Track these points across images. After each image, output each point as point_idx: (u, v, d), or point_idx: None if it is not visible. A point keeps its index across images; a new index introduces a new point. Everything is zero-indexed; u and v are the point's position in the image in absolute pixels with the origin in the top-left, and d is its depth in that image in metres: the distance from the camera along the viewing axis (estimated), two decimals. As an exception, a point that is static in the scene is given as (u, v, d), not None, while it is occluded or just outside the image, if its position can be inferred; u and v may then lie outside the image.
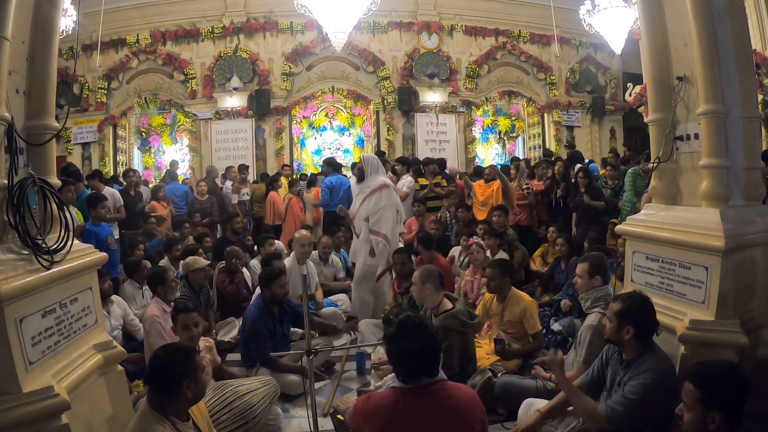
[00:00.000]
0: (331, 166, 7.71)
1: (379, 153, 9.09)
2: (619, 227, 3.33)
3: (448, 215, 7.00)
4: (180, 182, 8.88)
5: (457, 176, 8.30)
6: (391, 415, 1.93)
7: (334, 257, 6.15)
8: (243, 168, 8.66)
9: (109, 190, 6.37)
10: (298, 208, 7.93)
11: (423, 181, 7.66)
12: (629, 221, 3.23)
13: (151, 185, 8.72)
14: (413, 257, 5.22)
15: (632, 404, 2.22)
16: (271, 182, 8.35)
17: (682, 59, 2.84)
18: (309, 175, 9.35)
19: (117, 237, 6.19)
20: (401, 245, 5.36)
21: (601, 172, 7.59)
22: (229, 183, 8.25)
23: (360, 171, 5.23)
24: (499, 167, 7.91)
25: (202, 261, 4.87)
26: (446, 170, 8.49)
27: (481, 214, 6.90)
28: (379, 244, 4.94)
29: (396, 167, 7.80)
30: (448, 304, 3.35)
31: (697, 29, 2.62)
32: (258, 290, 4.24)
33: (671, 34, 2.92)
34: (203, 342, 3.40)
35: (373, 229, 4.99)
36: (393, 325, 2.08)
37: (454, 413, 1.95)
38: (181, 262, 5.10)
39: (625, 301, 2.39)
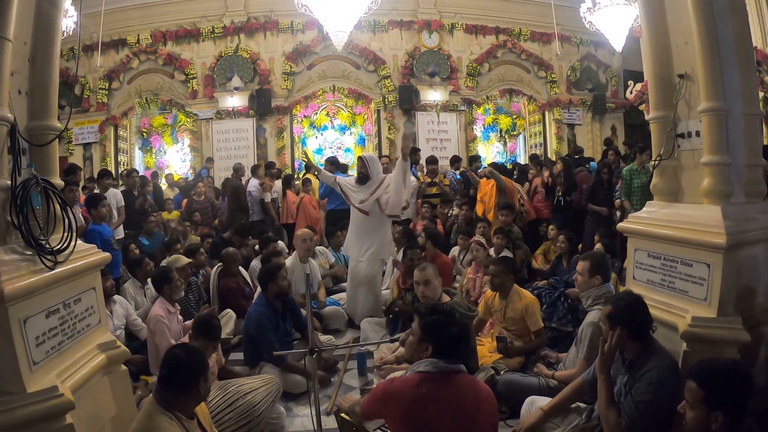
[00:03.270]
0: (334, 164, 7.71)
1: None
2: (620, 225, 3.33)
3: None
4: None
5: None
6: (415, 399, 1.98)
7: (318, 249, 6.12)
8: (271, 165, 8.60)
9: (111, 191, 6.42)
10: (311, 206, 7.87)
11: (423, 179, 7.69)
12: (631, 219, 3.23)
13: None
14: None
15: (645, 407, 2.22)
16: (287, 182, 8.24)
17: (683, 56, 2.84)
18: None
19: (122, 237, 6.24)
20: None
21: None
22: (254, 181, 8.12)
23: (362, 173, 5.15)
24: (501, 164, 7.90)
25: (183, 259, 4.90)
26: (477, 171, 8.22)
27: (480, 210, 6.95)
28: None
29: None
30: (447, 299, 3.46)
31: (698, 26, 2.61)
32: (259, 289, 4.24)
33: (672, 32, 2.91)
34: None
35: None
36: (436, 311, 2.18)
37: (473, 402, 2.01)
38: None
39: (614, 303, 2.40)
